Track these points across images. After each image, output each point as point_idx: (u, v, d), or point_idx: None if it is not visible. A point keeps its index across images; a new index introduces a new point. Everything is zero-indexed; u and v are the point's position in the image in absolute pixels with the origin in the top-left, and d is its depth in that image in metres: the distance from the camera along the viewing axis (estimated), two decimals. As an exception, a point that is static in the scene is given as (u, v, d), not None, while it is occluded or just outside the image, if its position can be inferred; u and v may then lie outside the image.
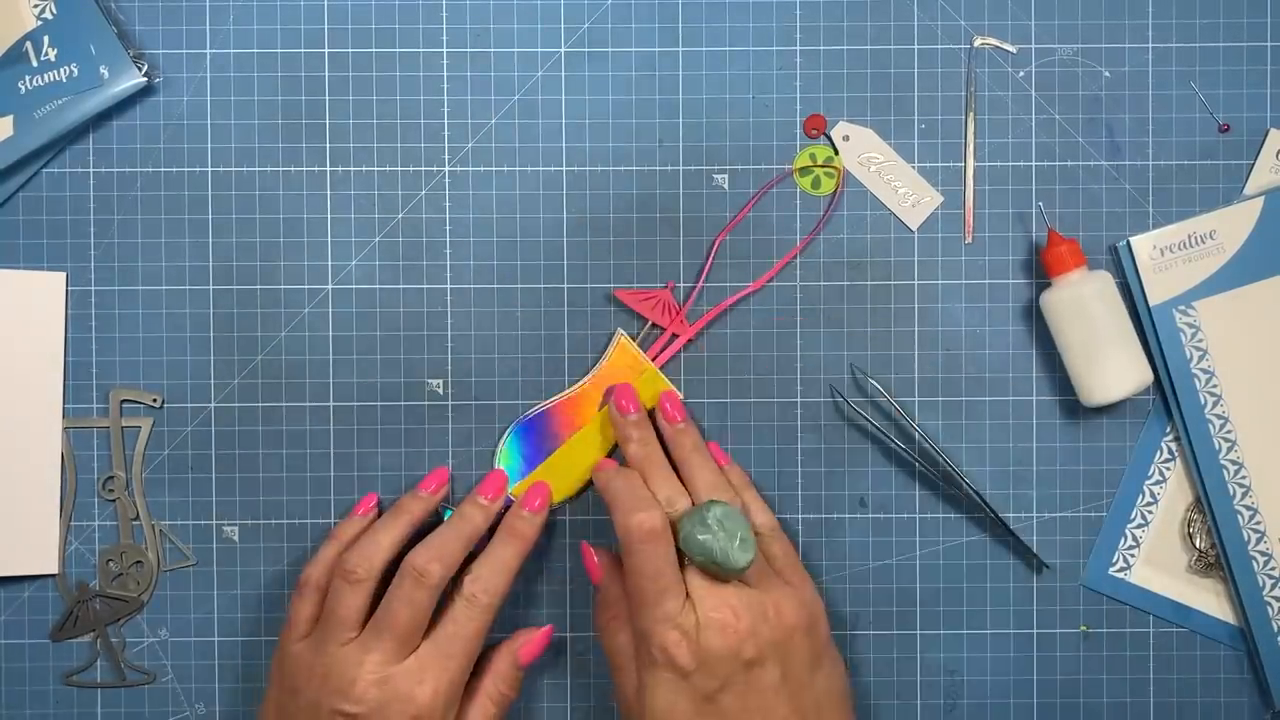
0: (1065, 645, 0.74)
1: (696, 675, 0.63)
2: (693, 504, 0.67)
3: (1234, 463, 0.72)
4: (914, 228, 0.73)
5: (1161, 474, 0.73)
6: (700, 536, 0.64)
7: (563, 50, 0.73)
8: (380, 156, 0.73)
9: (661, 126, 0.73)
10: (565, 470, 0.72)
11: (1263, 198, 0.72)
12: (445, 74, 0.73)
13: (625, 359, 0.72)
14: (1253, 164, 0.73)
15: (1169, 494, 0.73)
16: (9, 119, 0.71)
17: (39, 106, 0.71)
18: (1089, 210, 0.73)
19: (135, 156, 0.73)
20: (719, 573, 0.64)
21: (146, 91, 0.72)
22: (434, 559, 0.66)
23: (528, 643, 0.70)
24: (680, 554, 0.65)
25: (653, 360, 0.72)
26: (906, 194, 0.73)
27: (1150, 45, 0.73)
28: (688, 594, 0.64)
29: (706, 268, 0.73)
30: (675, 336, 0.72)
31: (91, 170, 0.73)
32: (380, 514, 0.72)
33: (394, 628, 0.65)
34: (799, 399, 0.73)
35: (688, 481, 0.69)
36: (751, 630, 0.63)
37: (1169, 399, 0.72)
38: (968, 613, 0.74)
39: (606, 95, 0.73)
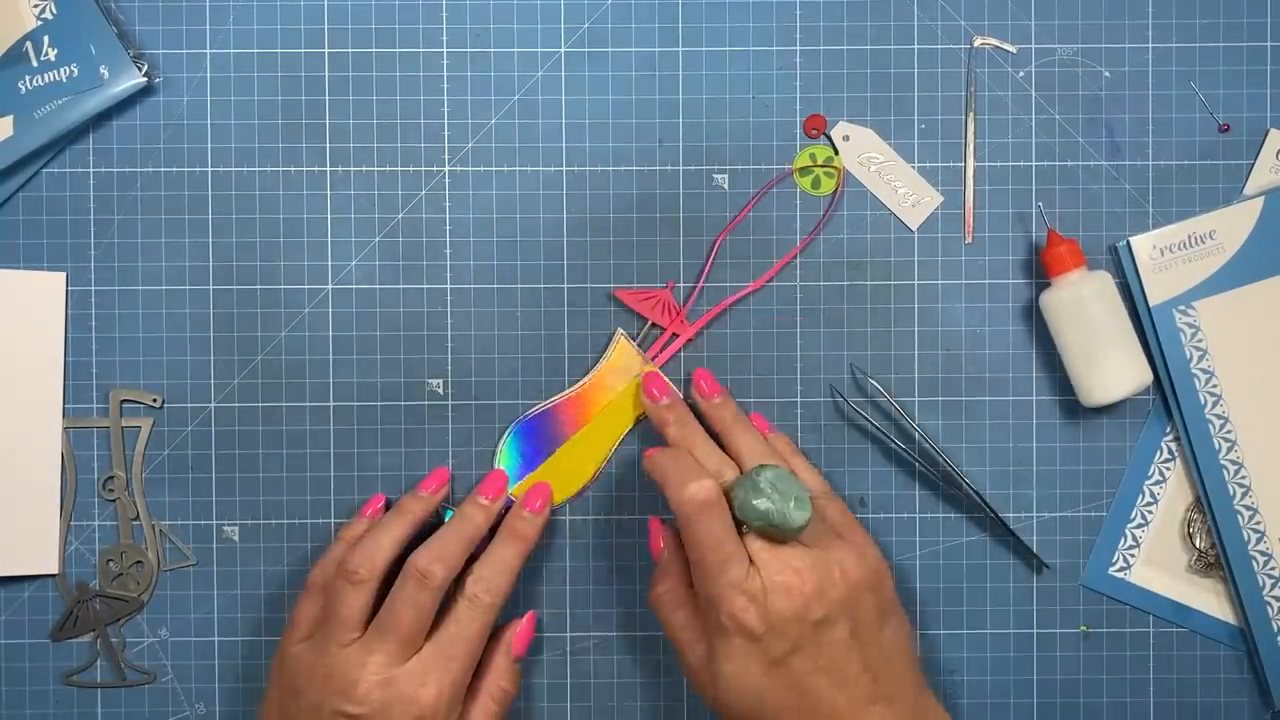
0: (1065, 645, 0.74)
1: (767, 639, 0.63)
2: (741, 472, 0.67)
3: (1234, 463, 0.72)
4: (914, 228, 0.73)
5: (1161, 474, 0.73)
6: (755, 501, 0.64)
7: (563, 50, 0.73)
8: (380, 156, 0.73)
9: (661, 126, 0.73)
10: (566, 470, 0.72)
11: (1263, 198, 0.72)
12: (445, 74, 0.73)
13: (625, 359, 0.72)
14: (1253, 164, 0.73)
15: (1169, 494, 0.73)
16: (9, 119, 0.71)
17: (39, 106, 0.71)
18: (1089, 210, 0.73)
19: (135, 156, 0.73)
20: (778, 535, 0.64)
21: (146, 91, 0.72)
22: (436, 560, 0.66)
23: (517, 634, 0.70)
24: (738, 522, 0.65)
25: (653, 360, 0.72)
26: (906, 194, 0.73)
27: (1150, 45, 0.73)
28: (750, 559, 0.64)
29: (706, 268, 0.73)
30: (675, 336, 0.72)
31: (91, 170, 0.73)
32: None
33: (397, 629, 0.65)
34: (799, 399, 0.73)
35: (733, 452, 0.69)
36: (818, 590, 0.63)
37: (1169, 399, 0.72)
38: (968, 613, 0.74)
39: (606, 95, 0.73)
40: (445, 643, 0.66)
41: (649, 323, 0.72)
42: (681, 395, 0.72)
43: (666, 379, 0.71)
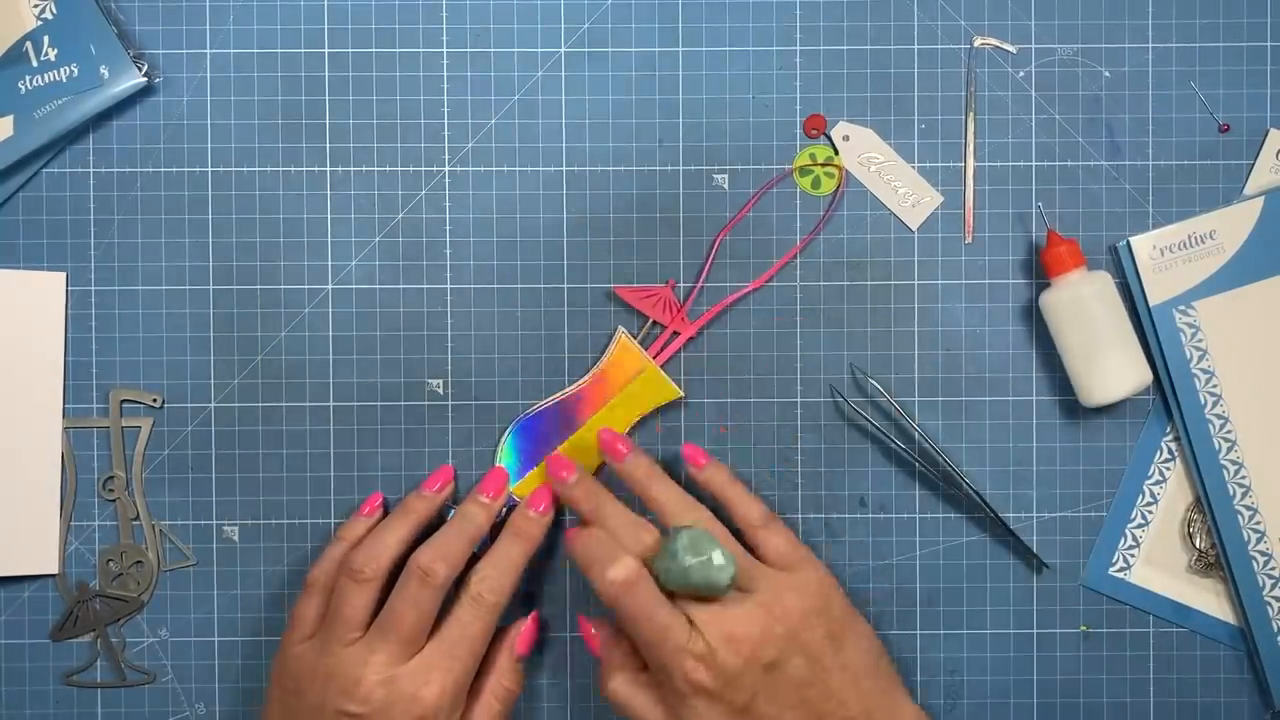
0: (1065, 645, 0.74)
1: (725, 692, 0.63)
2: (663, 530, 0.67)
3: (1234, 463, 0.72)
4: (914, 228, 0.73)
5: (1161, 474, 0.73)
6: (675, 570, 0.64)
7: (563, 50, 0.73)
8: (380, 156, 0.73)
9: (661, 126, 0.73)
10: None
11: (1263, 198, 0.72)
12: (445, 74, 0.73)
13: (626, 357, 0.72)
14: (1253, 164, 0.73)
15: (1169, 494, 0.73)
16: (9, 119, 0.71)
17: (39, 106, 0.71)
18: (1089, 210, 0.73)
19: (135, 156, 0.73)
20: (708, 596, 0.64)
21: (146, 91, 0.72)
22: (439, 559, 0.66)
23: (520, 634, 0.70)
24: (667, 590, 0.65)
25: (654, 358, 0.72)
26: (906, 194, 0.73)
27: (1150, 45, 0.73)
28: (690, 620, 0.64)
29: (706, 267, 0.73)
30: (676, 334, 0.72)
31: (91, 170, 0.73)
32: (386, 514, 0.72)
33: (399, 628, 0.65)
34: (799, 399, 0.73)
35: (654, 509, 0.69)
36: (764, 634, 0.63)
37: (1169, 399, 0.72)
38: (968, 613, 0.74)
39: (606, 95, 0.73)
40: (448, 642, 0.66)
41: (649, 321, 0.72)
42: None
43: (569, 459, 0.70)
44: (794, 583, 0.66)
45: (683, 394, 0.72)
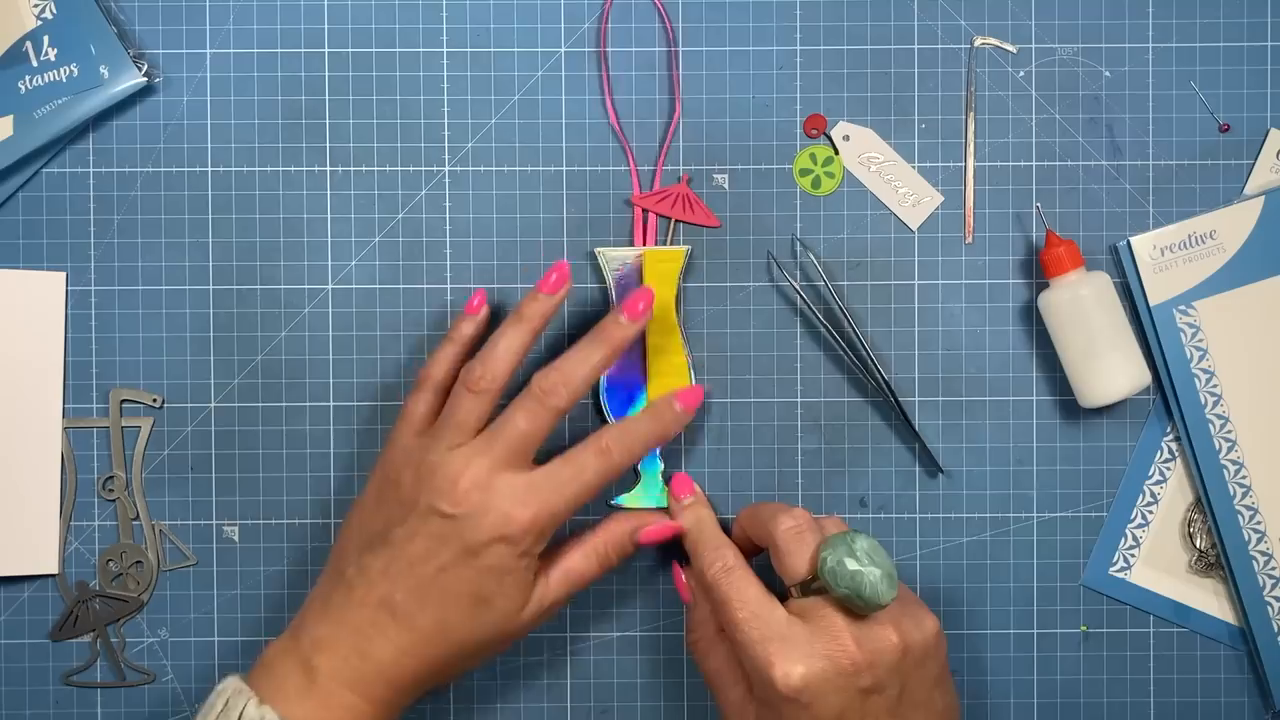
0: (1065, 645, 0.74)
1: (813, 707, 0.62)
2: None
3: (1234, 463, 0.72)
4: (914, 228, 0.73)
5: (1161, 474, 0.73)
6: (851, 567, 0.62)
7: (563, 50, 0.73)
8: (380, 156, 0.73)
9: (661, 126, 0.73)
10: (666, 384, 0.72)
11: (1263, 198, 0.72)
12: (445, 74, 0.73)
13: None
14: (1253, 164, 0.73)
15: (1169, 494, 0.73)
16: (9, 119, 0.71)
17: (39, 106, 0.71)
18: (1089, 210, 0.73)
19: (135, 156, 0.73)
20: (858, 607, 0.62)
21: (146, 91, 0.72)
22: (562, 383, 0.66)
23: (654, 527, 0.69)
24: (805, 583, 0.64)
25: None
26: (906, 194, 0.73)
27: (1150, 45, 0.73)
28: (797, 619, 0.63)
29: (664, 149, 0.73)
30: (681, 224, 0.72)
31: (91, 170, 0.73)
32: (493, 312, 0.71)
33: (509, 439, 0.65)
34: (799, 399, 0.73)
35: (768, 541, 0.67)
36: (870, 659, 0.62)
37: (1169, 399, 0.72)
38: (968, 613, 0.73)
39: (611, 98, 0.73)
40: (559, 477, 0.65)
41: (671, 222, 0.72)
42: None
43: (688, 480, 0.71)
44: (915, 620, 0.64)
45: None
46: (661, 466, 0.72)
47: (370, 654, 0.63)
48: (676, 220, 0.72)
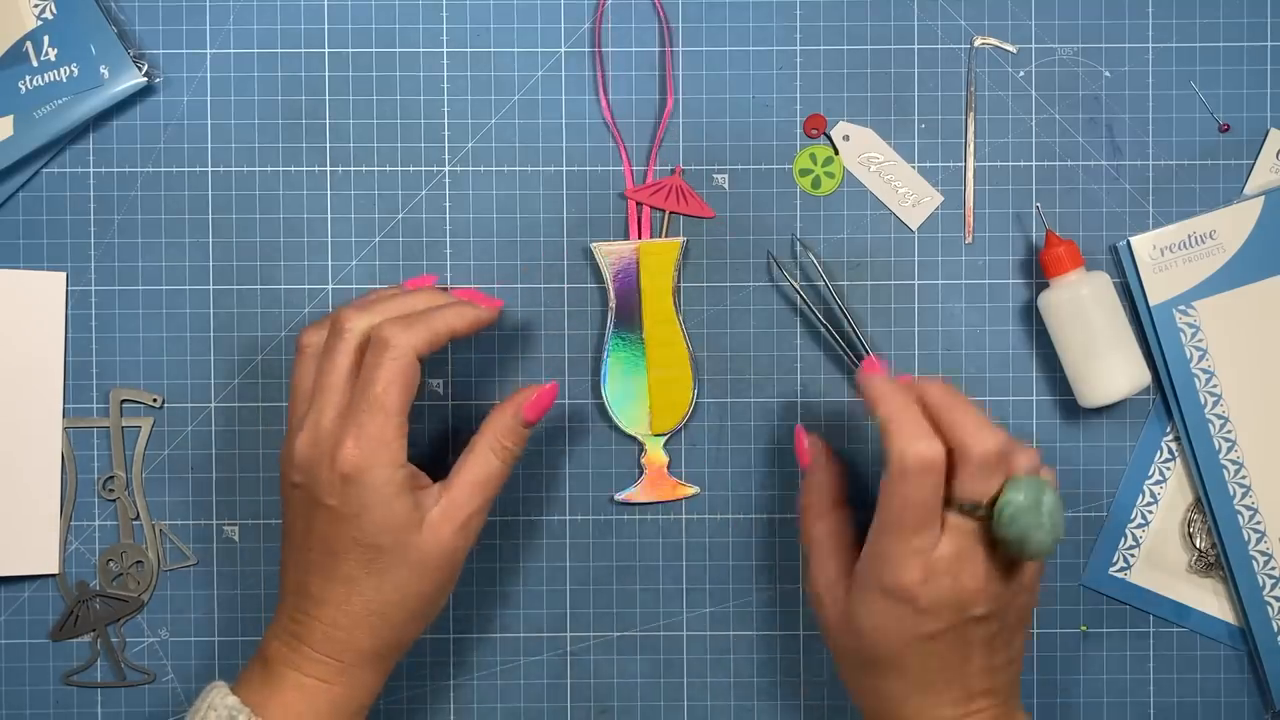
0: (1065, 645, 0.74)
1: (924, 615, 0.62)
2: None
3: (1234, 463, 0.72)
4: (914, 228, 0.73)
5: (1161, 474, 0.73)
6: (1027, 519, 0.61)
7: (563, 50, 0.73)
8: (380, 156, 0.73)
9: (660, 126, 0.73)
10: (661, 395, 0.72)
11: (1263, 198, 0.72)
12: (445, 74, 0.73)
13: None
14: (1253, 164, 0.73)
15: (1169, 494, 0.73)
16: (9, 119, 0.71)
17: (39, 106, 0.71)
18: (1089, 210, 0.73)
19: (135, 156, 0.73)
20: (1010, 550, 0.62)
21: (146, 91, 0.72)
22: (354, 308, 0.65)
23: (532, 398, 0.67)
24: (969, 509, 0.62)
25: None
26: (906, 194, 0.73)
27: (1150, 45, 0.73)
28: (943, 531, 0.62)
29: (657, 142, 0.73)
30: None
31: (91, 170, 0.73)
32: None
33: (317, 383, 0.64)
34: (799, 399, 0.73)
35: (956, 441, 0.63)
36: (994, 593, 0.62)
37: (1169, 399, 0.72)
38: (968, 613, 0.73)
39: (607, 95, 0.73)
40: (356, 400, 0.63)
41: (665, 215, 0.72)
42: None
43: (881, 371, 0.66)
44: (1038, 564, 0.64)
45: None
46: (667, 459, 0.72)
47: (304, 637, 0.64)
48: (671, 212, 0.72)
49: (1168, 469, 0.73)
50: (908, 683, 0.63)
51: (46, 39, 0.71)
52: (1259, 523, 0.72)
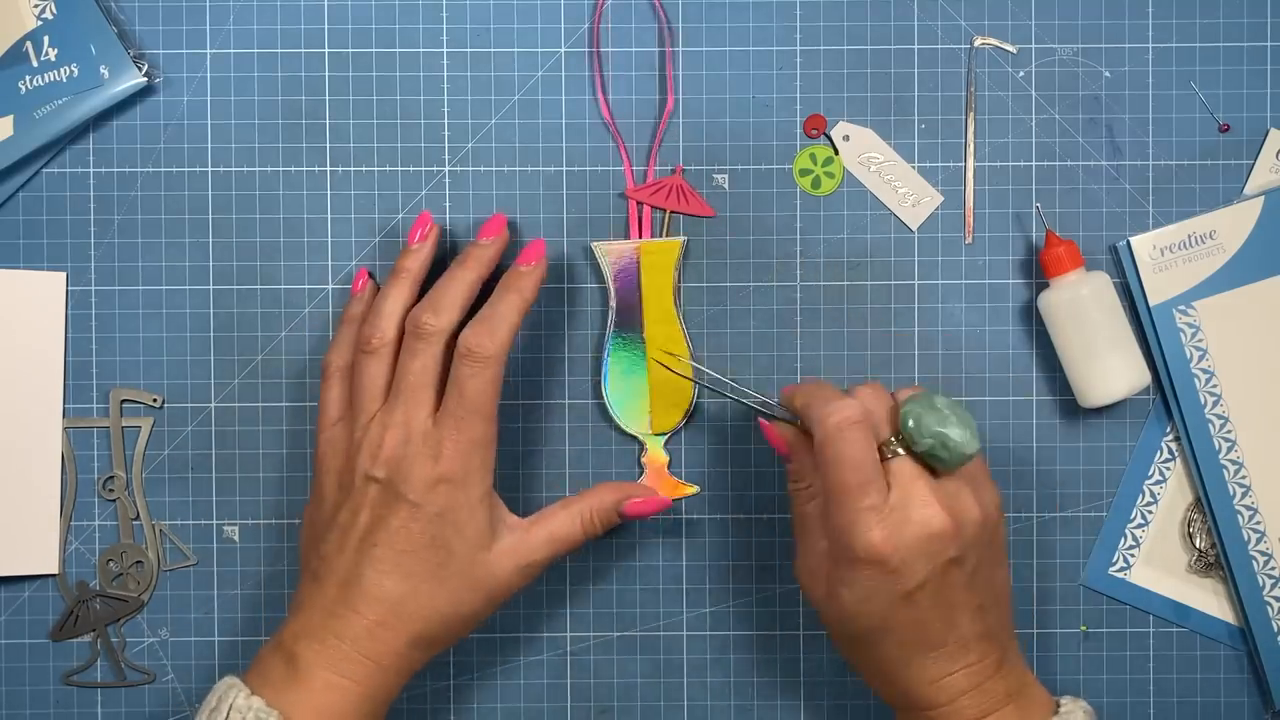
0: (1065, 645, 0.74)
1: (899, 572, 0.62)
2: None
3: (1234, 463, 0.72)
4: (914, 228, 0.73)
5: (1161, 474, 0.73)
6: (931, 419, 0.62)
7: (563, 50, 0.73)
8: (380, 156, 0.73)
9: (663, 126, 0.73)
10: (661, 395, 0.72)
11: (1263, 198, 0.72)
12: (445, 74, 0.73)
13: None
14: (1253, 164, 0.73)
15: (1169, 494, 0.73)
16: (9, 119, 0.71)
17: (39, 106, 0.71)
18: (1089, 210, 0.73)
19: (135, 156, 0.73)
20: (942, 463, 0.62)
21: (146, 91, 0.72)
22: (429, 310, 0.66)
23: (640, 500, 0.68)
24: (884, 445, 0.63)
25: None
26: (906, 194, 0.73)
27: (1150, 45, 0.73)
28: (889, 486, 0.62)
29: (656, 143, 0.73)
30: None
31: (91, 170, 0.73)
32: (378, 285, 0.71)
33: (404, 383, 0.65)
34: (799, 399, 0.73)
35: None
36: (956, 528, 0.62)
37: (1169, 399, 0.72)
38: (968, 613, 0.73)
39: (606, 95, 0.73)
40: (453, 406, 0.65)
41: (666, 214, 0.72)
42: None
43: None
44: (992, 491, 0.65)
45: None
46: (667, 459, 0.72)
47: (344, 634, 0.64)
48: (672, 212, 0.72)
49: (1168, 469, 0.73)
50: (903, 646, 0.63)
51: (46, 39, 0.71)
52: (1259, 523, 0.72)
